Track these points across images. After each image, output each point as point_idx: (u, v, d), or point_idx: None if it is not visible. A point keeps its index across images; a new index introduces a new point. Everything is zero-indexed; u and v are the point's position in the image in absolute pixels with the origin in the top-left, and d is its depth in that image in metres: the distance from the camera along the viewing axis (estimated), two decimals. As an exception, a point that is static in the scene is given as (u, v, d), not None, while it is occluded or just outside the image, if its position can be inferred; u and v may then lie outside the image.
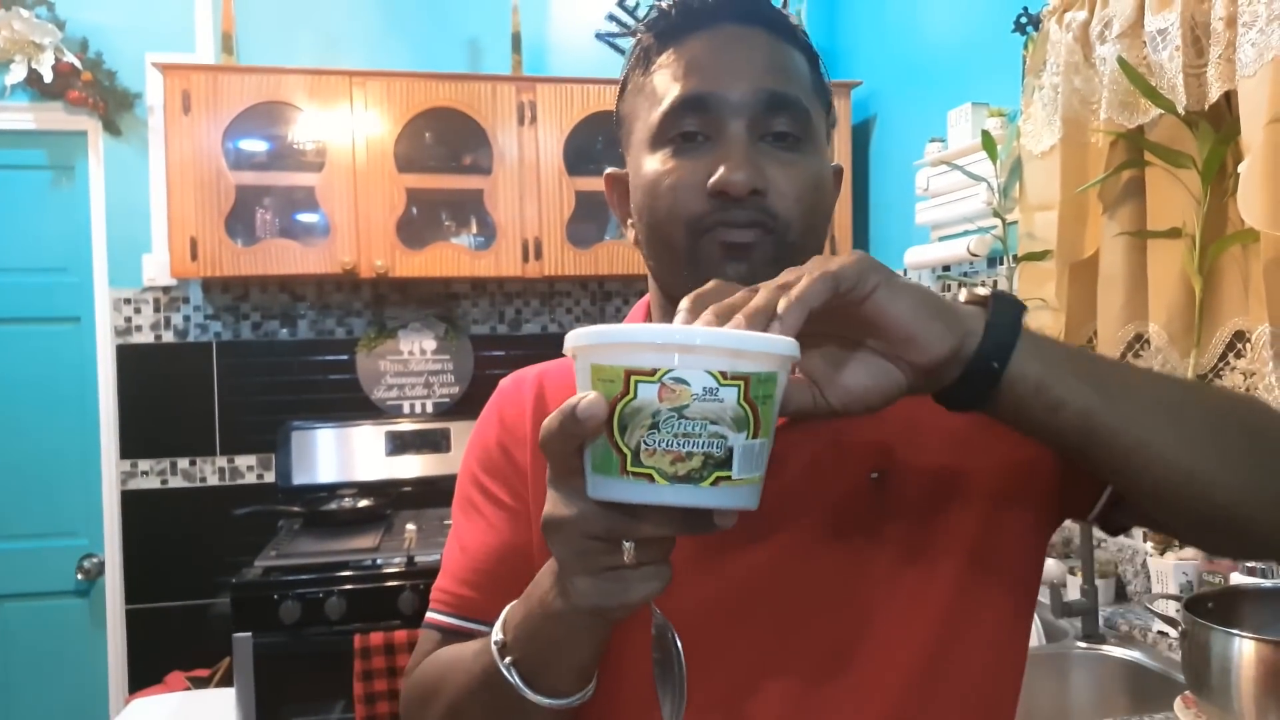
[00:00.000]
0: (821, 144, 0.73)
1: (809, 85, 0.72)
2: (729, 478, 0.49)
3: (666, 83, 0.70)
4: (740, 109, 0.68)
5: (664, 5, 0.72)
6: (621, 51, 0.77)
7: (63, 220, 2.74)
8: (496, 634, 0.61)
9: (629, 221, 0.77)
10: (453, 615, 0.77)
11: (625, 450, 0.48)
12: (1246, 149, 1.41)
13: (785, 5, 0.77)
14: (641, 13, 0.76)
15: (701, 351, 0.48)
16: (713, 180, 0.67)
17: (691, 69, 0.69)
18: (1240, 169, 1.42)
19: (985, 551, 0.71)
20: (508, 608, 0.62)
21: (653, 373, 0.47)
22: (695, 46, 0.70)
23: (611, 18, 0.70)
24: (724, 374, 0.48)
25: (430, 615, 0.78)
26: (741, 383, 0.48)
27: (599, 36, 0.72)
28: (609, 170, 0.80)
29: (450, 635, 0.76)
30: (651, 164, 0.71)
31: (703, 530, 0.51)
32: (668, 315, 0.78)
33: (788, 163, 0.69)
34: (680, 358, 0.47)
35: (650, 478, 0.48)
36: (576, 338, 0.51)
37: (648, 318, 0.80)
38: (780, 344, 0.50)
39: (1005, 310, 0.56)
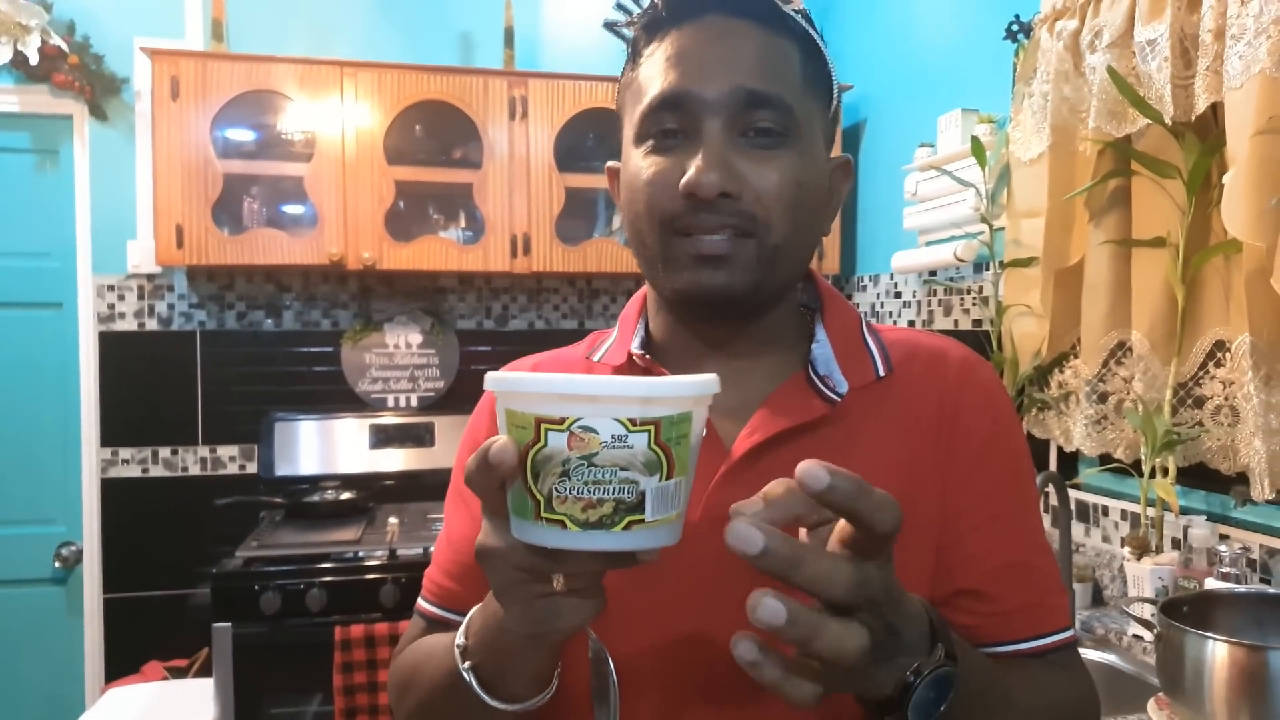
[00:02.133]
0: (811, 139, 0.70)
1: (797, 80, 0.69)
2: (642, 521, 0.49)
3: (650, 78, 0.69)
4: (717, 107, 0.67)
5: None
6: (626, 41, 0.76)
7: (47, 205, 2.71)
8: (459, 637, 0.62)
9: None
10: (435, 604, 0.79)
11: (538, 497, 0.48)
12: (1231, 160, 1.43)
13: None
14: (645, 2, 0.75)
15: (609, 401, 0.47)
16: (682, 182, 0.66)
17: (673, 64, 0.68)
18: (1225, 180, 1.44)
19: (924, 586, 0.71)
20: (472, 611, 0.62)
21: (561, 421, 0.47)
22: (680, 39, 0.69)
23: (619, 6, 0.69)
24: (633, 420, 0.47)
25: (419, 602, 0.80)
26: (652, 427, 0.48)
27: (606, 25, 0.71)
28: (610, 164, 0.79)
29: (433, 624, 0.78)
30: (634, 160, 0.70)
31: (625, 566, 0.51)
32: (653, 308, 0.78)
33: (767, 160, 0.67)
34: (588, 406, 0.47)
35: (563, 524, 0.48)
36: (493, 381, 0.51)
37: (641, 313, 0.80)
38: (690, 386, 0.50)
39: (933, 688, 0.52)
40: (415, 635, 0.79)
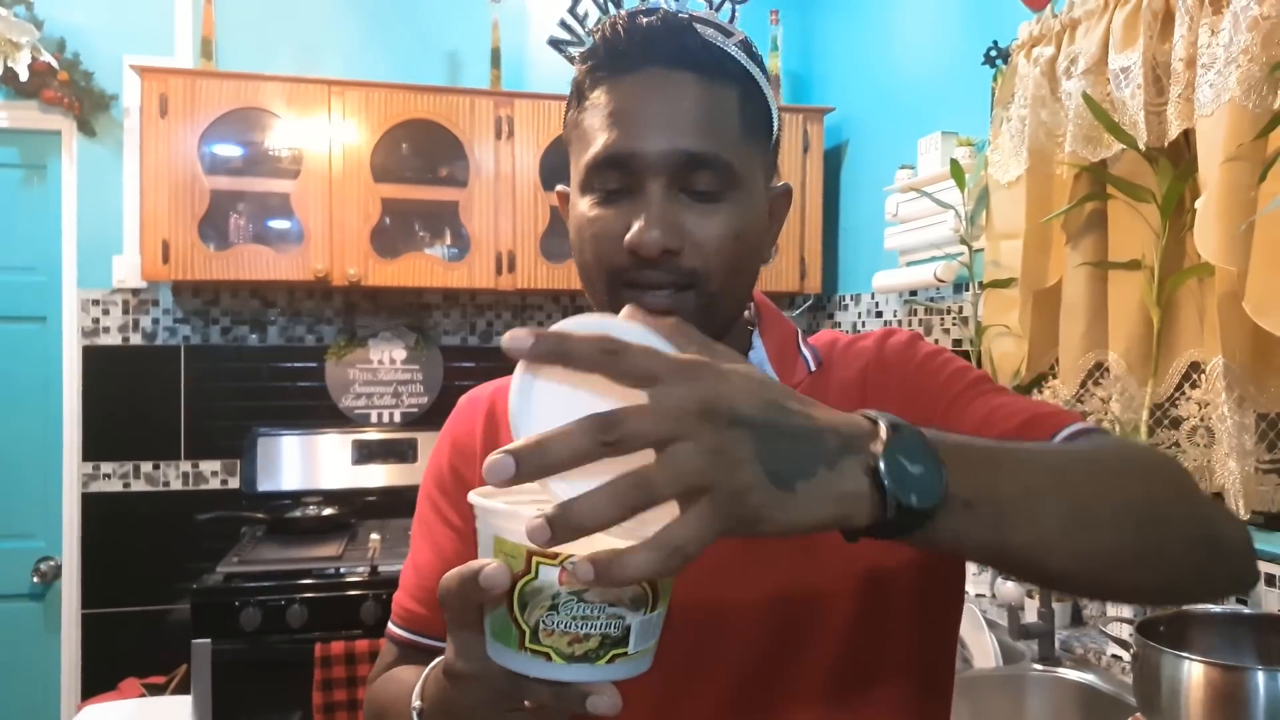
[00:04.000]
0: (750, 184, 0.72)
1: (736, 129, 0.70)
2: (625, 654, 0.49)
3: (594, 129, 0.70)
4: (658, 168, 0.68)
5: (597, 37, 0.72)
6: (571, 60, 0.76)
7: (33, 219, 2.71)
8: (415, 699, 0.62)
9: None
10: (405, 629, 0.81)
11: (524, 627, 0.48)
12: (1203, 185, 1.45)
13: (733, 18, 0.74)
14: (591, 22, 0.74)
15: (603, 540, 0.45)
16: (626, 239, 0.68)
17: (615, 119, 0.69)
18: (1197, 205, 1.47)
19: (923, 579, 0.74)
20: (429, 669, 0.62)
21: (555, 556, 0.47)
22: (622, 92, 0.70)
23: (563, 24, 0.70)
24: None
25: (390, 627, 0.82)
26: None
27: (551, 42, 0.71)
28: (560, 188, 0.81)
29: (404, 648, 0.80)
30: (581, 208, 0.72)
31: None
32: None
33: (707, 214, 0.69)
34: (584, 544, 0.45)
35: (547, 656, 0.48)
36: (484, 506, 0.50)
37: None
38: None
39: (903, 453, 0.45)
40: (389, 662, 0.81)
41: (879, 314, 2.67)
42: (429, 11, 2.95)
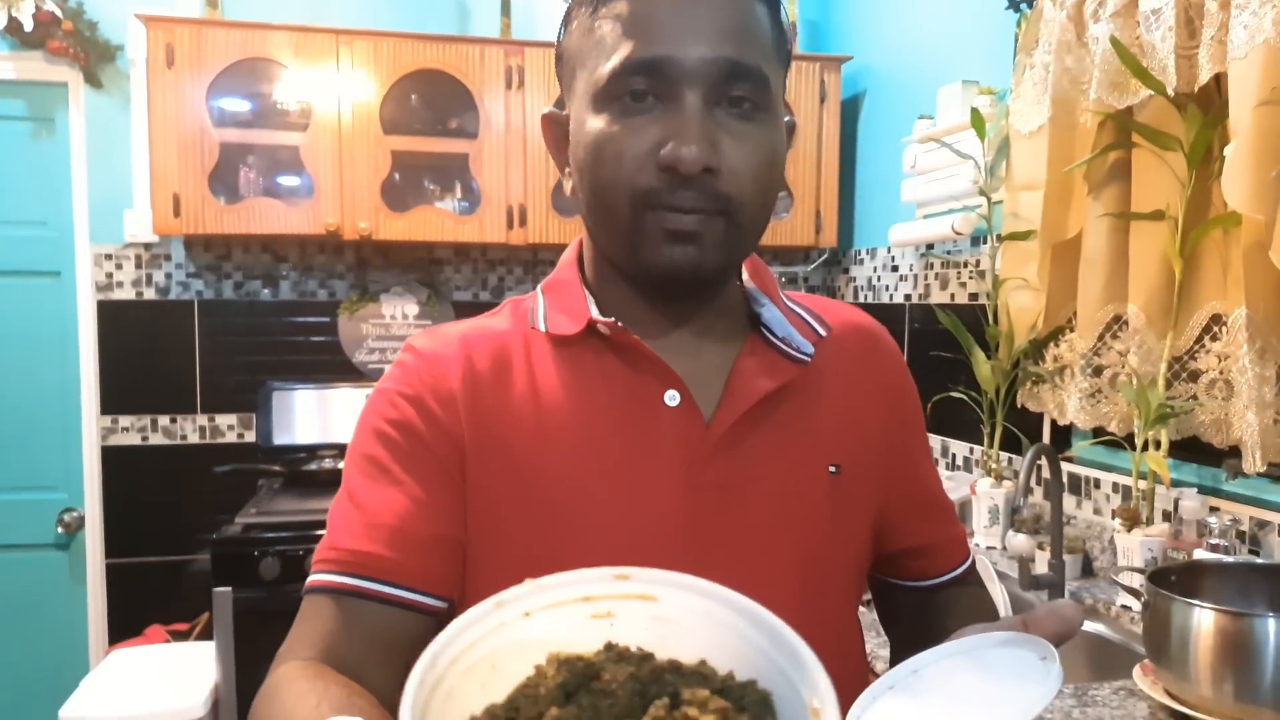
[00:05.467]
0: (779, 108, 0.69)
1: (770, 45, 0.67)
2: None
3: (616, 35, 0.64)
4: (697, 76, 0.63)
5: None
6: None
7: (43, 173, 2.70)
8: None
9: (566, 170, 0.72)
10: (350, 575, 0.66)
11: None
12: (1233, 132, 1.42)
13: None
14: None
15: None
16: (664, 153, 0.62)
17: (644, 25, 0.63)
18: (1226, 152, 1.43)
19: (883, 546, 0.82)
20: None
21: None
22: None
23: None
24: None
25: (316, 579, 0.67)
26: None
27: None
28: (546, 111, 0.74)
29: (348, 597, 0.65)
30: (595, 123, 0.65)
31: None
32: (604, 277, 0.74)
33: (742, 135, 0.64)
34: None
35: None
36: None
37: (579, 273, 0.76)
38: None
39: None
40: (327, 629, 0.66)
41: (895, 268, 2.65)
42: (437, -42, 2.89)
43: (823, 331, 0.76)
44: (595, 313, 0.71)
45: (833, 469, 0.72)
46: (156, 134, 2.46)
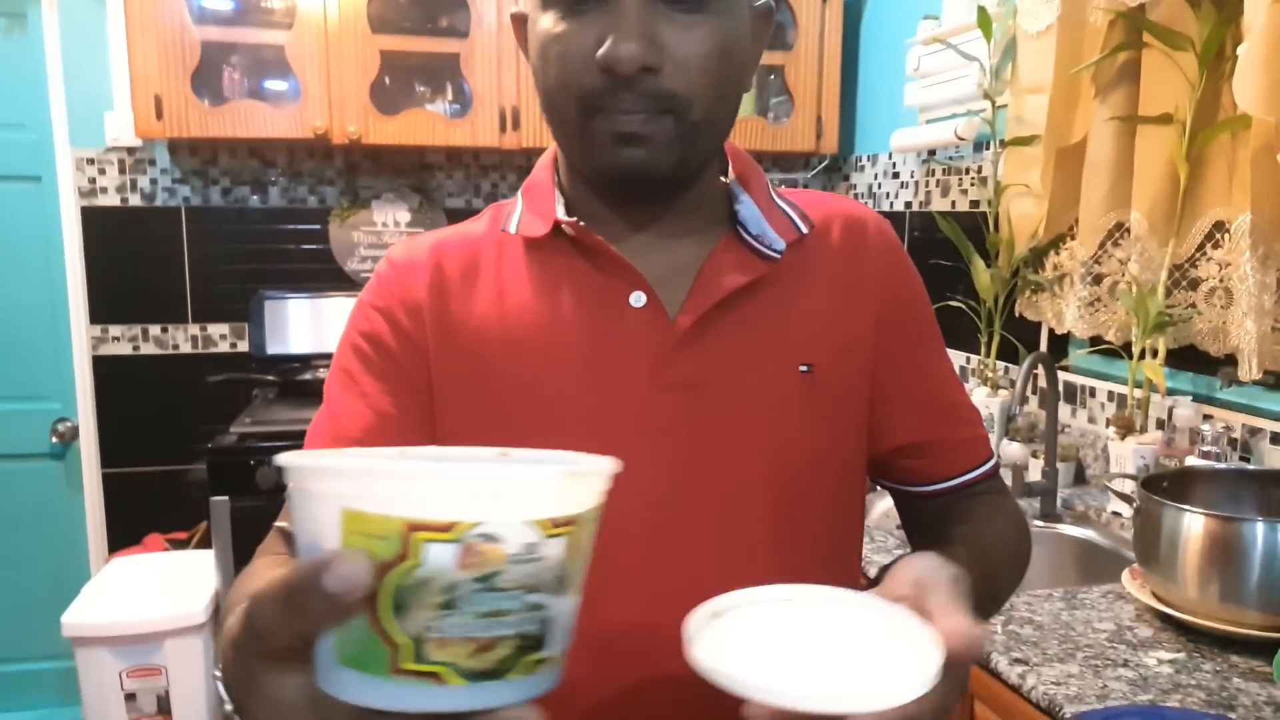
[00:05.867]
0: None
1: None
2: (545, 659, 0.37)
3: None
4: None
5: None
6: None
7: (17, 73, 2.60)
8: (217, 668, 0.56)
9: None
10: None
11: (400, 640, 0.34)
12: (1247, 30, 1.38)
13: None
14: None
15: (516, 497, 0.34)
16: (600, 53, 0.60)
17: None
18: (1239, 51, 1.39)
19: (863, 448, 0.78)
20: (233, 615, 0.44)
21: (449, 528, 0.33)
22: None
23: None
24: (553, 521, 0.35)
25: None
26: (571, 528, 0.36)
27: None
28: (515, 10, 0.72)
29: None
30: (544, 22, 0.64)
31: None
32: (573, 178, 0.73)
33: (688, 26, 0.62)
34: (490, 505, 0.34)
35: (438, 677, 0.34)
36: (318, 465, 0.35)
37: (554, 174, 0.75)
38: (605, 464, 0.39)
39: None
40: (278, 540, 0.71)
41: (895, 175, 2.60)
42: None
43: (805, 228, 0.73)
44: (562, 214, 0.71)
45: (804, 368, 0.70)
46: (134, 32, 2.36)
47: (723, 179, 0.76)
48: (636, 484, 0.66)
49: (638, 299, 0.68)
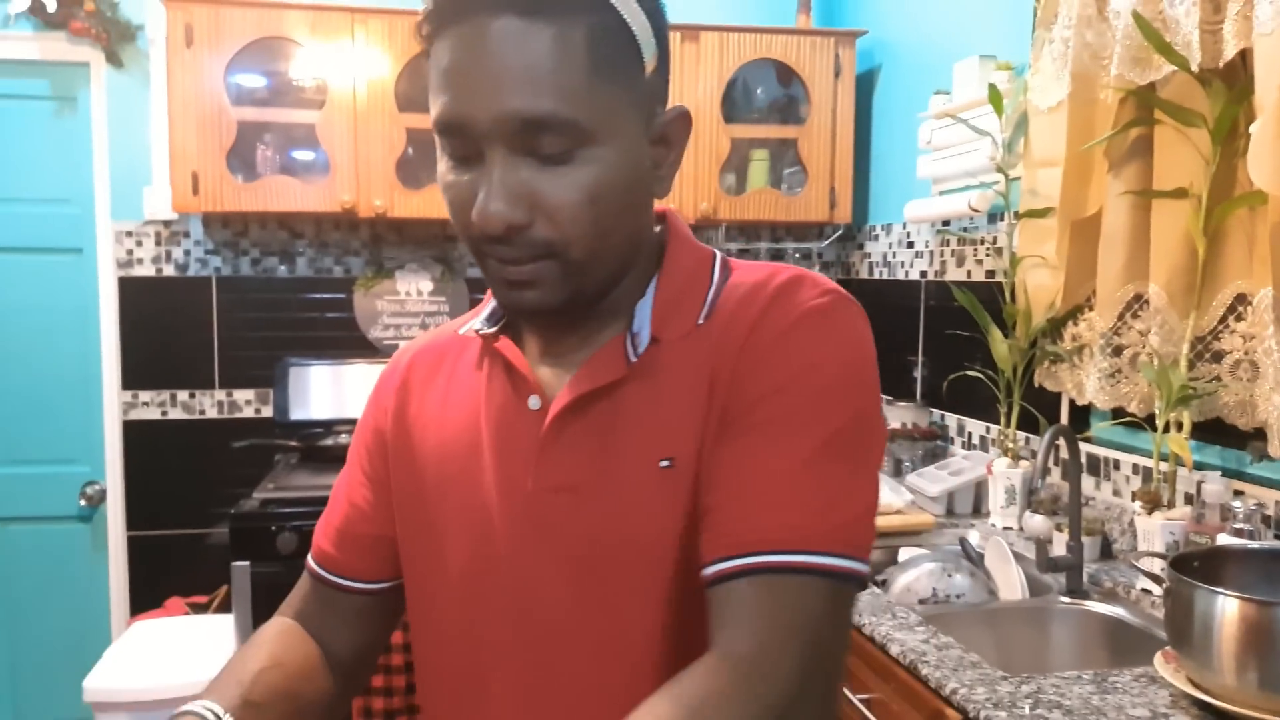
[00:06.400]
0: (613, 128, 0.63)
1: (584, 74, 0.61)
2: None
3: (435, 85, 0.63)
4: (492, 135, 0.61)
5: None
6: None
7: (65, 151, 2.72)
8: None
9: None
10: (315, 562, 0.83)
11: None
12: (1260, 109, 1.39)
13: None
14: None
15: None
16: (472, 214, 0.62)
17: (445, 82, 0.62)
18: (1252, 129, 1.40)
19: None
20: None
21: None
22: (449, 47, 0.62)
23: None
24: None
25: (308, 559, 0.85)
26: None
27: None
28: None
29: (313, 578, 0.83)
30: (440, 166, 0.66)
31: None
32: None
33: (558, 176, 0.62)
34: None
35: None
36: None
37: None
38: None
39: None
40: (301, 594, 0.83)
41: (910, 244, 2.62)
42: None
43: (702, 319, 0.69)
44: (480, 322, 0.76)
45: (664, 463, 0.66)
46: (176, 112, 2.47)
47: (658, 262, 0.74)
48: (517, 584, 0.69)
49: (534, 402, 0.71)
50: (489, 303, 0.79)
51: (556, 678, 0.69)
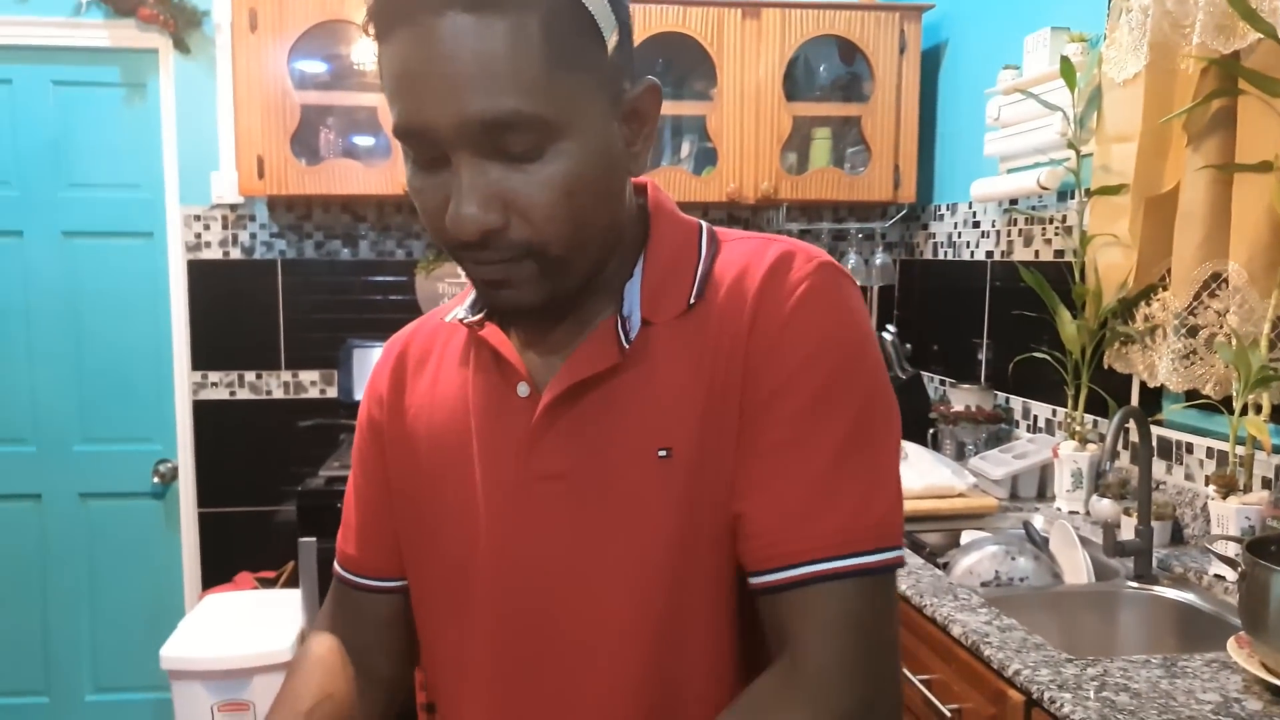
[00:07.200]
0: (581, 121, 0.60)
1: (541, 64, 0.58)
2: None
3: (390, 91, 0.61)
4: (455, 140, 0.58)
5: None
6: None
7: (135, 137, 2.80)
8: None
9: None
10: (340, 566, 0.83)
11: None
12: (1349, 77, 1.34)
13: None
14: None
15: None
16: (445, 221, 0.61)
17: (399, 88, 0.59)
18: (1341, 98, 1.35)
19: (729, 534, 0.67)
20: None
21: None
22: (399, 49, 0.59)
23: None
24: None
25: (335, 566, 0.84)
26: None
27: None
28: None
29: (345, 587, 0.82)
30: (408, 170, 0.64)
31: None
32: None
33: (529, 175, 0.60)
34: None
35: None
36: None
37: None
38: None
39: None
40: (334, 602, 0.83)
41: (976, 224, 2.57)
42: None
43: (693, 299, 0.68)
44: (464, 311, 0.75)
45: (662, 453, 0.65)
46: (241, 97, 2.52)
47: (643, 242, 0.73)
48: (505, 572, 0.69)
49: (522, 389, 0.70)
50: (472, 289, 0.77)
51: (545, 668, 0.69)
